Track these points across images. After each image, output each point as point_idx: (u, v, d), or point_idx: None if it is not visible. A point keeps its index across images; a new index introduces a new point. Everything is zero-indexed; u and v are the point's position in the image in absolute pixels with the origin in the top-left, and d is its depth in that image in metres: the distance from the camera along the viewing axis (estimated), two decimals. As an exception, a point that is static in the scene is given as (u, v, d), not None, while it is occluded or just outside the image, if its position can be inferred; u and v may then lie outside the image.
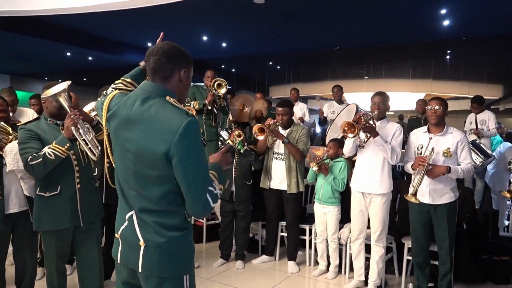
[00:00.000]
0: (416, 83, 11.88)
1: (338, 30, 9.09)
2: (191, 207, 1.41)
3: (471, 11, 7.47)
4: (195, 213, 1.45)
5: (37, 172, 2.26)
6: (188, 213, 1.45)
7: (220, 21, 8.64)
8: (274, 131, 3.62)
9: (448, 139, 2.99)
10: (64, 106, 2.34)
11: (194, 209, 1.41)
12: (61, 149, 2.28)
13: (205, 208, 1.40)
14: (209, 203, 1.40)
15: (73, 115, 2.31)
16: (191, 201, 1.39)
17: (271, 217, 3.96)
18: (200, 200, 1.38)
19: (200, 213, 1.43)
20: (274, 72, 14.26)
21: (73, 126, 2.32)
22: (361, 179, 3.23)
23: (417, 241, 3.13)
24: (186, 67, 1.49)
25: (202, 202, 1.39)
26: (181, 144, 1.32)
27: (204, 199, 1.39)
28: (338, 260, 3.68)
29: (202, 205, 1.39)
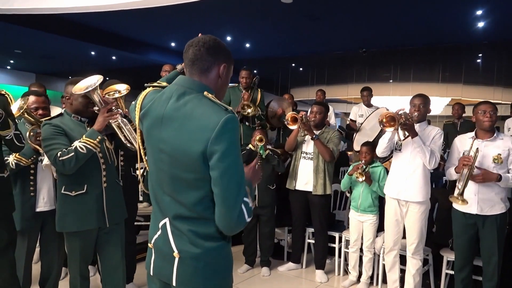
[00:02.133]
0: (446, 88, 11.47)
1: (364, 31, 8.86)
2: (224, 217, 1.23)
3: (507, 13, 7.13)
4: (228, 225, 1.25)
5: (69, 167, 2.16)
6: (218, 226, 1.26)
7: (245, 21, 8.55)
8: (306, 123, 3.47)
9: (498, 145, 2.76)
10: (96, 102, 2.25)
11: (227, 220, 1.23)
12: (92, 142, 2.19)
13: (240, 219, 1.23)
14: (244, 214, 1.24)
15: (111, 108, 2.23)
16: (224, 209, 1.23)
17: (297, 222, 3.80)
18: (235, 208, 1.22)
19: (234, 224, 1.24)
20: (296, 74, 14.09)
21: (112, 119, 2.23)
22: (397, 185, 3.03)
23: (462, 255, 2.89)
24: (227, 62, 1.37)
25: (236, 211, 1.22)
26: (220, 141, 1.19)
27: (239, 208, 1.23)
28: (371, 271, 3.48)
29: (237, 215, 1.22)
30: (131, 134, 2.33)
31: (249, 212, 1.26)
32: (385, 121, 2.82)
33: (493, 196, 2.74)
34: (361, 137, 5.27)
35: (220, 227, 1.26)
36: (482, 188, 2.75)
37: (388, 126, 2.82)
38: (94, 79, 2.22)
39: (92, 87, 2.18)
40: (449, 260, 3.24)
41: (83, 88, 2.19)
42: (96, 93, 2.23)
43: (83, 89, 2.18)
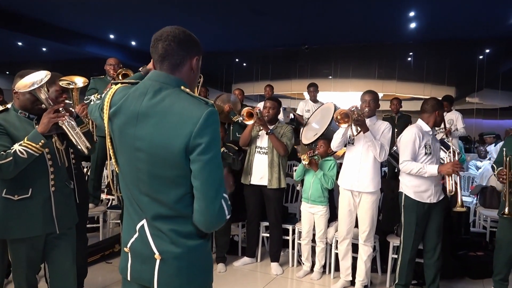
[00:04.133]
0: (382, 84, 12.20)
1: (307, 28, 9.11)
2: (204, 212, 1.18)
3: (436, 15, 7.75)
4: (208, 220, 1.19)
5: (6, 172, 1.95)
6: (197, 222, 1.21)
7: (187, 14, 8.36)
8: (261, 119, 3.50)
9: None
10: (42, 100, 2.05)
11: (207, 214, 1.18)
12: (34, 146, 1.98)
13: (220, 213, 1.19)
14: (224, 210, 1.20)
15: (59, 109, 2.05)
16: (204, 203, 1.18)
17: (252, 217, 3.83)
18: (215, 202, 1.18)
19: (214, 219, 1.19)
20: (240, 69, 14.12)
21: (58, 121, 2.05)
22: (351, 177, 3.18)
23: (417, 241, 3.07)
24: (198, 54, 1.33)
25: (217, 205, 1.18)
26: (203, 135, 1.15)
27: (220, 202, 1.19)
28: (324, 260, 3.61)
29: (218, 209, 1.18)
30: (79, 138, 2.16)
31: (229, 209, 1.23)
32: (339, 118, 2.94)
33: (441, 185, 3.02)
34: (309, 131, 5.43)
35: (199, 224, 1.21)
36: (436, 180, 3.00)
37: (343, 123, 2.93)
38: (40, 76, 2.01)
39: (38, 84, 1.98)
40: (394, 245, 3.46)
41: (28, 84, 1.98)
42: (42, 91, 2.03)
43: (27, 86, 1.97)
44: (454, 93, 13.92)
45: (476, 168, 6.84)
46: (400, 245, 3.12)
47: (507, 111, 14.32)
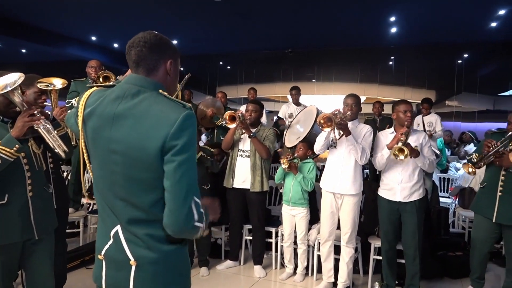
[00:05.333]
0: (364, 87, 12.37)
1: (291, 32, 9.19)
2: (172, 214, 1.16)
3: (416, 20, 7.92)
4: (175, 222, 1.16)
5: None
6: (166, 225, 1.19)
7: (172, 17, 8.33)
8: (243, 122, 3.51)
9: (414, 139, 3.09)
10: (17, 103, 2.00)
11: (175, 217, 1.15)
12: (8, 151, 1.93)
13: (188, 217, 1.16)
14: (193, 214, 1.17)
15: (34, 113, 2.00)
16: (173, 205, 1.16)
17: (235, 220, 3.83)
18: (184, 205, 1.16)
19: (182, 223, 1.16)
20: (225, 72, 14.11)
21: (34, 125, 2.00)
22: (333, 180, 3.21)
23: (387, 239, 3.17)
24: (173, 57, 1.33)
25: (186, 208, 1.16)
26: (179, 137, 1.15)
27: (189, 206, 1.17)
28: (306, 262, 3.63)
29: (186, 213, 1.16)
30: (56, 142, 2.12)
31: (200, 215, 1.20)
32: (322, 121, 2.96)
33: (413, 185, 3.05)
34: (292, 135, 5.47)
35: (167, 227, 1.18)
36: (404, 178, 3.05)
37: (326, 126, 2.96)
38: (13, 78, 1.95)
39: (11, 86, 1.92)
40: (376, 247, 3.51)
41: (1, 87, 1.92)
42: (16, 93, 1.97)
43: (0, 89, 1.93)
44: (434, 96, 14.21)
45: (455, 170, 6.99)
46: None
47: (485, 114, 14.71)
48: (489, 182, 3.10)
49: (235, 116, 3.51)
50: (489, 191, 3.07)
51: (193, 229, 1.19)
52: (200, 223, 1.20)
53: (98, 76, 3.62)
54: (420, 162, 2.98)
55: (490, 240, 3.16)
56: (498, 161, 2.93)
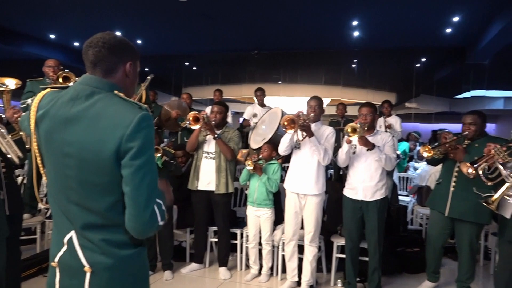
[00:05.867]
0: (328, 89, 12.65)
1: (257, 34, 9.24)
2: (135, 218, 1.15)
3: (377, 25, 8.19)
4: (139, 226, 1.15)
5: None
6: (128, 229, 1.17)
7: (136, 16, 8.16)
8: (207, 123, 3.49)
9: (378, 139, 3.21)
10: None
11: (138, 221, 1.14)
12: None
13: (152, 220, 1.16)
14: (156, 216, 1.17)
15: None
16: (135, 210, 1.14)
17: (200, 222, 3.80)
18: (147, 208, 1.15)
19: (145, 226, 1.15)
20: (191, 73, 13.97)
21: None
22: (296, 180, 3.27)
23: (351, 237, 3.27)
24: (132, 59, 1.31)
25: (148, 211, 1.15)
26: (135, 139, 1.13)
27: (152, 208, 1.16)
28: (271, 263, 3.66)
29: (149, 216, 1.15)
30: (10, 147, 2.03)
31: (162, 214, 1.21)
32: (286, 123, 3.02)
33: (375, 184, 3.16)
34: (257, 136, 5.50)
35: (130, 230, 1.17)
36: (366, 178, 3.16)
37: (289, 128, 3.02)
38: None
39: None
40: (338, 245, 3.60)
41: None
42: None
43: None
44: (394, 98, 14.78)
45: (414, 169, 7.30)
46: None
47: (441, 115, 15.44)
48: (444, 178, 3.27)
49: (199, 117, 3.49)
50: (443, 187, 3.24)
51: (157, 229, 1.20)
52: (163, 221, 1.21)
53: (58, 76, 3.47)
54: (376, 156, 3.09)
55: (443, 235, 3.32)
56: (452, 154, 3.09)
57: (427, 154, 3.15)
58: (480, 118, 3.11)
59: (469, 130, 3.09)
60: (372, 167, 3.17)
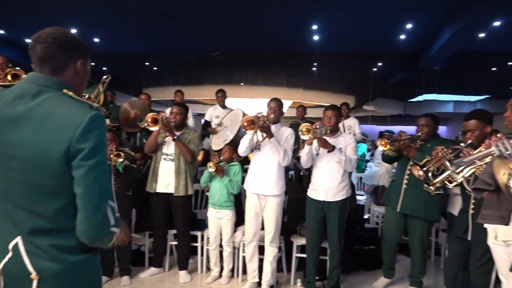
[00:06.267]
0: (289, 91, 12.85)
1: (219, 35, 9.21)
2: (86, 221, 1.10)
3: (336, 30, 8.43)
4: (90, 230, 1.11)
5: None
6: (79, 234, 1.13)
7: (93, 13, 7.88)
8: (167, 124, 3.43)
9: (340, 141, 3.29)
10: None
11: (89, 224, 1.10)
12: None
13: (104, 222, 1.12)
14: (108, 219, 1.13)
15: None
16: (87, 212, 1.10)
17: (159, 226, 3.72)
18: (99, 211, 1.11)
19: (97, 229, 1.12)
20: (151, 73, 13.69)
21: None
22: (256, 181, 3.28)
23: (313, 237, 3.33)
24: (84, 57, 1.26)
25: (101, 214, 1.11)
26: (86, 139, 1.09)
27: (104, 210, 1.13)
28: (232, 264, 3.66)
29: (101, 219, 1.11)
30: None
31: (116, 220, 1.17)
32: (246, 124, 3.03)
33: (337, 185, 3.24)
34: (218, 138, 5.49)
35: (81, 235, 1.12)
36: (328, 179, 3.23)
37: (249, 129, 3.03)
38: None
39: None
40: (298, 245, 3.65)
41: None
42: None
43: None
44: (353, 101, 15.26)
45: (371, 170, 7.57)
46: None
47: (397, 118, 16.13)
48: (398, 176, 3.42)
49: (157, 119, 3.42)
50: (396, 184, 3.39)
51: (110, 235, 1.15)
52: (116, 227, 1.17)
53: (6, 73, 3.26)
54: (337, 158, 3.17)
55: (398, 232, 3.46)
56: (406, 151, 3.23)
57: (383, 148, 3.28)
58: (432, 121, 3.28)
59: (422, 132, 3.25)
60: (333, 169, 3.24)
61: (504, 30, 7.63)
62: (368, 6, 6.96)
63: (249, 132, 3.06)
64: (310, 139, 3.08)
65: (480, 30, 7.70)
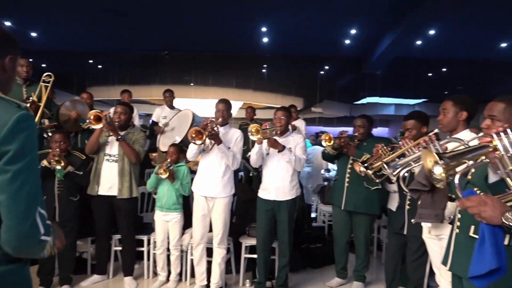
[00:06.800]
0: (239, 93, 12.88)
1: (168, 34, 9.03)
2: (12, 229, 1.02)
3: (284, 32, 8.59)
4: (15, 239, 1.03)
5: None
6: (3, 242, 1.04)
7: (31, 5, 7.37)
8: (110, 123, 3.28)
9: (290, 141, 3.34)
10: None
11: (16, 232, 1.02)
12: None
13: (32, 231, 1.04)
14: (38, 227, 1.05)
15: None
16: (13, 221, 1.02)
17: (102, 230, 3.55)
18: (26, 218, 1.03)
19: (24, 239, 1.03)
20: (96, 72, 13.08)
21: None
22: (205, 183, 3.25)
23: (263, 238, 3.34)
24: (12, 52, 1.17)
25: (28, 221, 1.03)
26: (12, 141, 1.01)
27: (33, 219, 1.04)
28: (180, 268, 3.58)
29: (29, 226, 1.03)
30: None
31: (47, 227, 1.08)
32: (194, 135, 3.00)
33: (286, 184, 3.28)
34: (166, 139, 5.35)
35: (5, 245, 1.03)
36: (278, 178, 3.27)
37: (197, 139, 3.00)
38: None
39: None
40: (246, 245, 3.66)
41: None
42: None
43: None
44: (302, 103, 15.63)
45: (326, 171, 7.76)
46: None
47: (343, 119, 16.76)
48: (340, 175, 3.57)
49: (100, 117, 3.26)
50: (339, 183, 3.54)
51: (39, 244, 1.07)
52: (48, 236, 1.08)
53: None
54: (287, 157, 3.22)
55: (346, 229, 3.60)
56: (346, 149, 3.39)
57: (327, 143, 3.38)
58: (367, 122, 3.51)
59: (359, 132, 3.46)
60: (283, 168, 3.29)
61: (439, 38, 8.22)
62: (315, 11, 7.17)
63: (197, 142, 3.03)
64: (259, 139, 3.10)
65: (417, 37, 8.24)
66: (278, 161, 3.28)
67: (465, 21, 7.40)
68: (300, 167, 3.35)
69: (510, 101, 1.56)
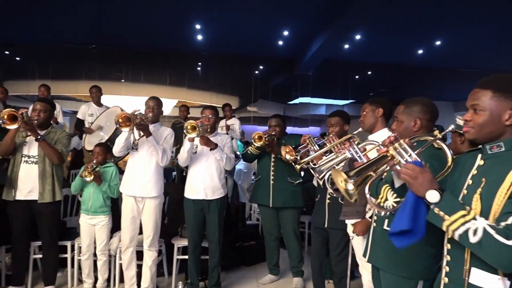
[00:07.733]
0: (173, 90, 12.55)
1: (96, 26, 8.54)
2: None
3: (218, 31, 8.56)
4: None
5: None
6: None
7: None
8: (28, 122, 3.01)
9: (218, 140, 3.34)
10: None
11: None
12: None
13: None
14: None
15: None
16: None
17: (19, 238, 3.26)
18: None
19: None
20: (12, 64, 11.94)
21: None
22: (133, 183, 3.14)
23: (193, 238, 3.31)
24: None
25: None
26: None
27: None
28: (107, 274, 3.41)
29: None
30: None
31: None
32: (121, 121, 2.85)
33: (216, 183, 3.28)
34: (93, 137, 5.07)
35: None
36: (207, 177, 3.26)
37: (124, 126, 2.87)
38: None
39: None
40: (179, 247, 3.60)
41: None
42: None
43: None
44: (237, 102, 15.71)
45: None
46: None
47: (277, 119, 17.09)
48: (263, 174, 3.67)
49: (16, 116, 2.98)
50: (264, 182, 3.64)
51: None
52: None
53: None
54: (218, 156, 3.23)
55: (275, 226, 3.69)
56: (270, 148, 3.49)
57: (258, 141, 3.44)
58: (282, 121, 3.69)
59: (275, 131, 3.60)
60: (212, 167, 3.28)
61: (364, 43, 8.77)
62: (248, 11, 7.25)
63: (124, 129, 2.90)
64: (191, 137, 3.07)
65: (344, 41, 8.70)
66: (207, 160, 3.27)
67: (387, 28, 7.98)
68: (230, 166, 3.38)
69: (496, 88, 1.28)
